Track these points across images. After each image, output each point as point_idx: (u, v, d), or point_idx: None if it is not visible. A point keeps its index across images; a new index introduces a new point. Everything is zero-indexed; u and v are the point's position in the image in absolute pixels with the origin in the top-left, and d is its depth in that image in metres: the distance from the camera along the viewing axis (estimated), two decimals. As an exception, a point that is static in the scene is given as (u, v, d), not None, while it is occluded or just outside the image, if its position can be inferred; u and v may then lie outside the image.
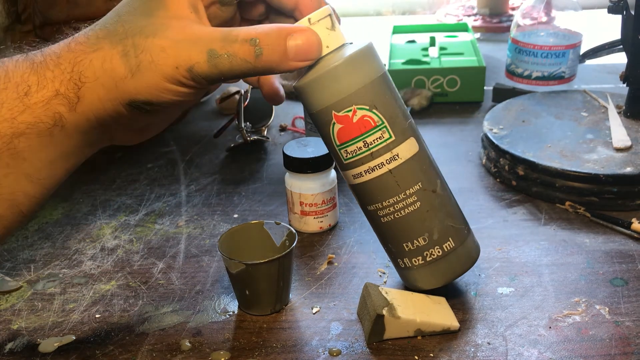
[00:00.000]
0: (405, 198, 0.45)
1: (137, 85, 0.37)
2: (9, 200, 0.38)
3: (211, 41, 0.37)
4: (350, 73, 0.42)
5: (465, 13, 1.26)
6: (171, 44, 0.36)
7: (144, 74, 0.36)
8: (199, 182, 0.69)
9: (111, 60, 0.37)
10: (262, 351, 0.45)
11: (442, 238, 0.46)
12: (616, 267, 0.52)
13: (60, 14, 0.73)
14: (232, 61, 0.37)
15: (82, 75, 0.36)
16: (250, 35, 0.37)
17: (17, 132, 0.36)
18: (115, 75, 0.37)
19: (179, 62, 0.36)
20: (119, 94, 0.37)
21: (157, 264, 0.55)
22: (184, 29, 0.37)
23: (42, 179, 0.38)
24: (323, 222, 0.58)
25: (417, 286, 0.48)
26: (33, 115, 0.36)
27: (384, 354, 0.44)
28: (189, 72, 0.37)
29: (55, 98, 0.36)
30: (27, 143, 0.36)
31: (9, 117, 0.36)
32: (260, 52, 0.37)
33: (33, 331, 0.48)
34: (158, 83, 0.37)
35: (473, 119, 0.81)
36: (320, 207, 0.57)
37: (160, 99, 0.37)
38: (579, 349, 0.43)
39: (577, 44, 0.81)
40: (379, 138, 0.43)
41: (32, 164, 0.37)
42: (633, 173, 0.58)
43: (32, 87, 0.36)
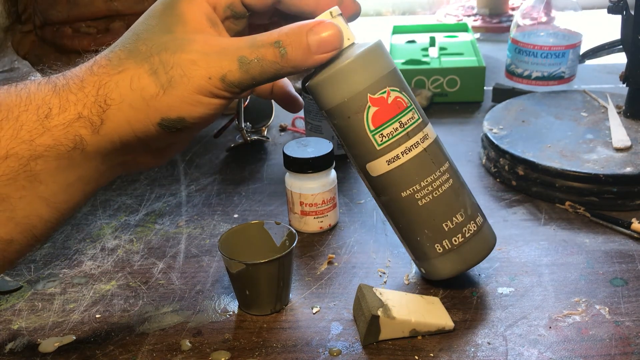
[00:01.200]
0: (440, 175, 0.46)
1: (169, 102, 0.37)
2: (22, 224, 0.37)
3: (239, 49, 0.37)
4: (381, 57, 0.44)
5: (465, 13, 1.26)
6: (201, 57, 0.37)
7: (176, 89, 0.37)
8: (199, 182, 0.69)
9: (139, 79, 0.36)
10: (262, 351, 0.45)
11: (474, 213, 0.48)
12: (616, 267, 0.52)
13: (60, 14, 0.73)
14: (262, 65, 0.37)
15: (107, 97, 0.36)
16: (273, 38, 0.38)
17: (34, 154, 0.35)
18: (145, 94, 0.36)
19: (212, 73, 0.37)
20: (150, 112, 0.37)
21: (158, 264, 0.55)
22: (208, 41, 0.37)
23: (59, 203, 0.38)
24: (323, 222, 0.58)
25: (457, 268, 0.48)
26: (52, 138, 0.36)
27: (384, 353, 0.44)
28: (222, 82, 0.37)
29: (77, 121, 0.36)
30: (45, 166, 0.36)
31: (27, 139, 0.35)
32: (284, 52, 0.38)
33: (33, 331, 0.48)
34: (191, 96, 0.37)
35: (473, 119, 0.82)
36: (320, 207, 0.57)
37: (193, 113, 0.38)
38: (579, 349, 0.43)
39: (577, 44, 0.81)
40: (411, 118, 0.45)
41: (48, 187, 0.37)
42: (633, 173, 0.58)
43: (54, 109, 0.36)
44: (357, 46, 0.43)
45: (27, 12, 0.77)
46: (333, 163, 0.57)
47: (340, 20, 0.42)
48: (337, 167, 0.69)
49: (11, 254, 0.38)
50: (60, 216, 0.39)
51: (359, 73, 0.43)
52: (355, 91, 0.43)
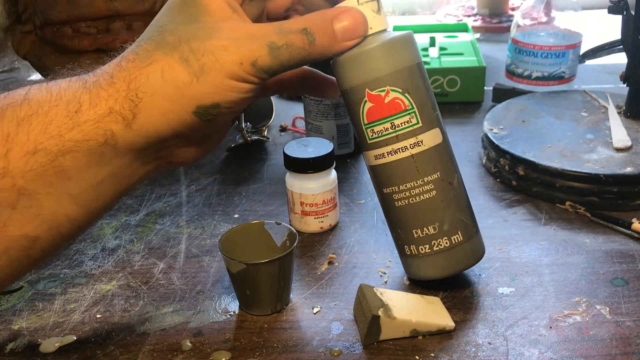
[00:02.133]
0: (422, 185, 0.46)
1: (203, 89, 0.37)
2: (49, 222, 0.36)
3: (268, 34, 0.38)
4: (388, 55, 0.44)
5: (465, 13, 1.26)
6: (231, 43, 0.37)
7: (209, 75, 0.37)
8: (200, 182, 0.69)
9: (170, 69, 0.37)
10: (262, 351, 0.45)
11: (452, 230, 0.47)
12: (616, 267, 0.52)
13: (60, 14, 0.73)
14: (291, 51, 0.38)
15: (138, 91, 0.36)
16: (300, 25, 0.39)
17: (63, 149, 0.35)
18: (178, 83, 0.37)
19: (243, 58, 0.37)
20: (185, 101, 0.37)
21: (158, 264, 0.55)
22: (236, 28, 0.38)
23: (88, 201, 0.37)
24: (323, 222, 0.58)
25: (418, 274, 0.49)
26: (82, 133, 0.36)
27: (384, 354, 0.44)
28: (253, 67, 0.38)
29: (109, 116, 0.36)
30: (74, 161, 0.36)
31: (56, 134, 0.35)
32: (312, 39, 0.38)
33: (34, 331, 0.48)
34: (224, 82, 0.37)
35: (473, 119, 0.82)
36: (321, 207, 0.57)
37: (227, 98, 0.38)
38: (580, 348, 0.43)
39: (577, 44, 0.81)
40: (406, 122, 0.45)
41: (77, 184, 0.36)
42: (633, 173, 0.58)
43: (84, 105, 0.36)
44: (380, 38, 0.44)
45: (27, 12, 0.77)
46: (333, 163, 0.57)
47: (375, 6, 0.43)
48: (338, 167, 0.69)
49: (36, 252, 0.37)
50: (89, 215, 0.38)
51: (362, 65, 0.44)
52: (356, 83, 0.45)
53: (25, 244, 0.36)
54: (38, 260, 0.38)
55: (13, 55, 0.90)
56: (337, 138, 0.71)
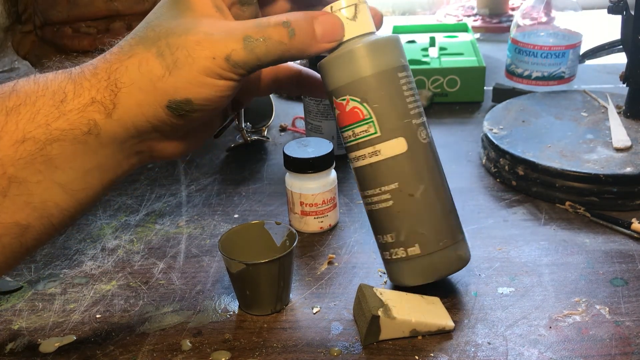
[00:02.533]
0: (379, 194, 0.46)
1: (175, 83, 0.37)
2: (39, 210, 0.37)
3: (246, 29, 0.38)
4: (350, 63, 0.44)
5: (465, 13, 1.26)
6: (206, 37, 0.37)
7: (181, 70, 0.37)
8: (200, 182, 0.69)
9: (147, 62, 0.37)
10: (262, 351, 0.45)
11: (408, 241, 0.46)
12: (616, 267, 0.52)
13: (60, 14, 0.73)
14: (267, 44, 0.38)
15: (118, 81, 0.37)
16: (282, 19, 0.39)
17: (50, 138, 0.36)
18: (152, 76, 0.37)
19: (216, 52, 0.37)
20: (158, 94, 0.38)
21: (158, 264, 0.55)
22: (214, 24, 0.38)
23: (76, 190, 0.38)
24: (323, 222, 0.58)
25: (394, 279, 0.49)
26: (68, 122, 0.37)
27: (384, 353, 0.44)
28: (227, 61, 0.37)
29: (91, 105, 0.37)
30: (61, 150, 0.37)
31: (43, 123, 0.36)
32: (293, 33, 0.38)
33: (34, 331, 0.48)
34: (196, 77, 0.37)
35: (473, 119, 0.82)
36: (321, 207, 0.57)
37: (199, 94, 0.38)
38: (579, 348, 0.43)
39: (577, 44, 0.81)
40: (364, 131, 0.45)
41: (65, 172, 0.37)
42: (633, 173, 0.58)
43: (69, 94, 0.37)
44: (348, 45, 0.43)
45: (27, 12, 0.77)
46: (333, 163, 0.57)
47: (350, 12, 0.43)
48: (337, 167, 0.69)
49: (28, 240, 0.38)
50: (78, 205, 0.39)
51: (328, 74, 0.45)
52: (328, 89, 0.45)
53: (17, 231, 0.37)
54: (30, 248, 0.39)
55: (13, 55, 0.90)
56: (337, 138, 0.71)
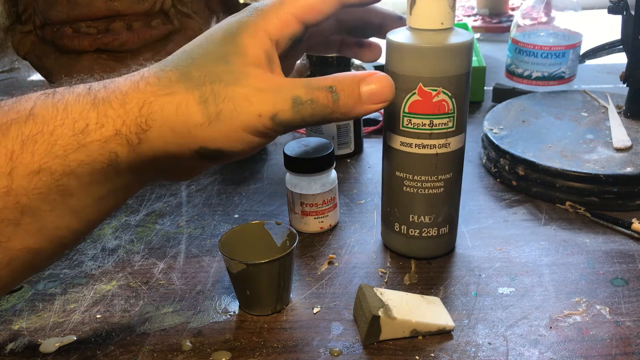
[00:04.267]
0: (435, 181, 0.49)
1: (213, 134, 0.36)
2: (52, 235, 0.36)
3: (295, 88, 0.37)
4: (452, 58, 0.46)
5: (465, 13, 1.26)
6: (255, 93, 0.36)
7: (223, 123, 0.36)
8: (200, 182, 0.69)
9: (187, 105, 0.36)
10: (262, 351, 0.45)
11: (443, 223, 0.52)
12: (616, 267, 0.52)
13: (60, 14, 0.73)
14: (314, 107, 0.37)
15: (149, 118, 0.35)
16: (327, 83, 0.38)
17: (67, 170, 0.35)
18: (190, 122, 0.36)
19: (263, 110, 0.36)
20: (191, 140, 0.36)
21: (158, 264, 0.55)
22: (264, 77, 0.37)
23: (89, 215, 0.37)
24: (324, 222, 0.58)
25: (396, 248, 0.54)
26: (87, 154, 0.35)
27: (384, 354, 0.44)
28: (272, 120, 0.36)
29: (114, 138, 0.35)
30: (77, 181, 0.35)
31: (61, 155, 0.34)
32: (337, 98, 0.38)
33: (34, 331, 0.48)
34: (236, 132, 0.36)
35: (473, 119, 0.82)
36: (321, 207, 0.57)
37: (233, 148, 0.37)
38: (580, 349, 0.43)
39: (577, 44, 0.81)
40: (444, 124, 0.47)
41: (80, 200, 0.36)
42: (633, 173, 0.58)
43: (91, 124, 0.35)
44: (452, 38, 0.46)
45: (27, 12, 0.77)
46: (334, 163, 0.57)
47: (451, 1, 0.45)
48: (338, 167, 0.69)
49: (40, 262, 0.37)
50: (90, 225, 0.38)
51: (426, 61, 0.46)
52: (413, 74, 0.46)
53: (29, 256, 0.36)
54: (41, 268, 0.38)
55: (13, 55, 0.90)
56: (337, 138, 0.71)
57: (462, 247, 0.55)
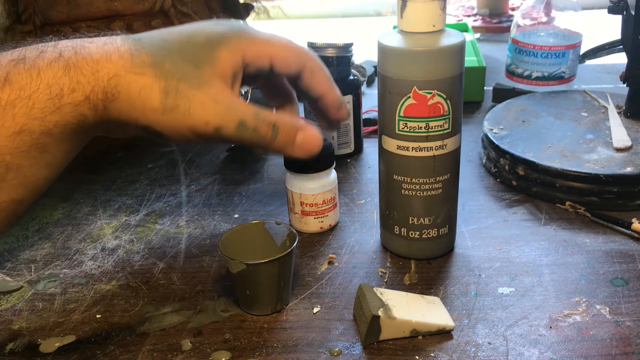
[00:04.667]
0: (433, 183, 0.50)
1: (162, 121, 0.40)
2: (32, 187, 0.40)
3: (244, 113, 0.41)
4: (445, 61, 0.46)
5: (465, 13, 1.26)
6: (211, 102, 0.40)
7: (174, 117, 0.40)
8: (200, 182, 0.69)
9: (150, 90, 0.39)
10: (262, 351, 0.45)
11: (442, 223, 0.52)
12: (616, 267, 0.52)
13: (60, 14, 0.73)
14: (253, 135, 0.42)
15: (115, 90, 0.39)
16: (272, 120, 0.42)
17: (45, 130, 0.38)
18: (147, 105, 0.39)
19: (211, 120, 0.40)
20: (142, 118, 0.40)
21: (158, 264, 0.55)
22: (224, 91, 0.41)
23: (60, 165, 0.41)
24: (323, 222, 0.58)
25: (396, 250, 0.54)
26: (61, 116, 0.38)
27: (384, 353, 0.44)
28: (215, 131, 0.41)
29: (85, 102, 0.39)
30: (52, 138, 0.39)
31: (39, 117, 0.38)
32: (275, 135, 0.43)
33: (34, 331, 0.48)
34: (182, 130, 0.40)
35: (473, 119, 0.82)
36: (321, 207, 0.57)
37: (175, 137, 0.41)
38: (580, 348, 0.43)
39: (577, 44, 0.81)
40: (439, 126, 0.47)
41: (53, 155, 0.40)
42: (633, 173, 0.58)
43: (65, 89, 0.38)
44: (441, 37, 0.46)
45: (27, 12, 0.77)
46: (334, 163, 0.57)
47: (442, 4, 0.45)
48: (338, 167, 0.69)
49: (22, 210, 0.41)
50: (59, 173, 0.42)
51: (420, 64, 0.46)
52: (407, 77, 0.46)
53: (13, 207, 0.40)
54: (21, 217, 0.42)
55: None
56: (337, 138, 0.71)
57: (462, 247, 0.55)
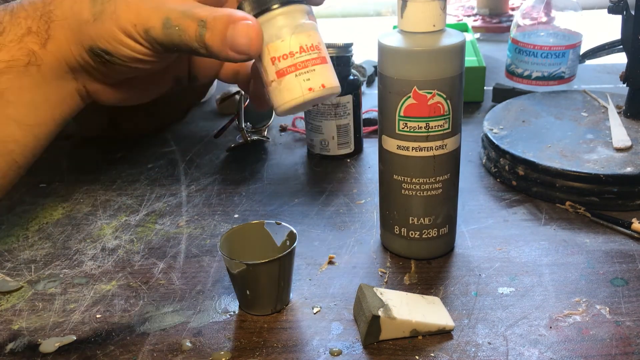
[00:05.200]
0: (433, 183, 0.50)
1: (97, 31, 0.37)
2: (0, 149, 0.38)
3: (171, 10, 0.37)
4: (446, 61, 0.46)
5: (465, 13, 1.26)
6: (136, 2, 0.37)
7: (104, 22, 0.37)
8: (200, 182, 0.69)
9: (81, 2, 0.38)
10: (262, 351, 0.45)
11: (442, 223, 0.52)
12: (616, 267, 0.52)
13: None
14: (181, 35, 0.37)
15: (51, 13, 0.38)
16: (200, 15, 0.37)
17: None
18: (80, 18, 0.38)
19: (138, 21, 0.37)
20: (82, 37, 0.38)
21: (158, 264, 0.55)
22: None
23: (31, 125, 0.39)
24: (311, 82, 0.40)
25: (397, 250, 0.54)
26: (10, 54, 0.37)
27: (384, 354, 0.44)
28: (145, 34, 0.37)
29: (28, 35, 0.38)
30: (8, 83, 0.37)
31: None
32: (203, 33, 0.37)
33: (34, 331, 0.48)
34: (115, 34, 0.37)
35: (473, 119, 0.82)
36: (300, 57, 0.40)
37: (118, 51, 0.38)
38: (580, 349, 0.43)
39: (577, 44, 0.81)
40: (440, 126, 0.47)
41: (16, 107, 0.38)
42: (633, 173, 0.58)
43: (7, 26, 0.37)
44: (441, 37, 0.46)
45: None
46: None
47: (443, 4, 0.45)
48: (338, 167, 0.69)
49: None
50: (36, 140, 0.40)
51: (420, 64, 0.46)
52: (408, 77, 0.46)
53: None
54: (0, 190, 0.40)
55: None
56: (337, 138, 0.71)
57: (462, 247, 0.55)
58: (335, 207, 0.63)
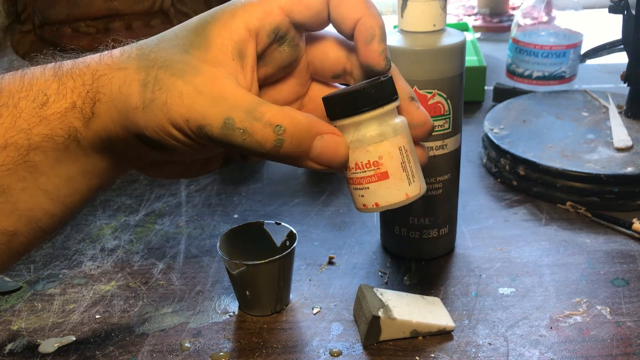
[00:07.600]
0: (433, 183, 0.50)
1: (145, 121, 0.33)
2: (26, 217, 0.36)
3: (234, 108, 0.32)
4: (446, 60, 0.46)
5: (466, 13, 1.26)
6: (192, 94, 0.32)
7: (153, 112, 0.33)
8: (199, 182, 0.69)
9: (130, 85, 0.33)
10: (262, 352, 0.44)
11: (442, 223, 0.52)
12: (617, 267, 0.52)
13: (60, 14, 0.72)
14: (245, 139, 0.32)
15: (99, 91, 0.34)
16: (277, 119, 0.32)
17: (32, 144, 0.34)
18: (128, 103, 0.34)
19: (191, 116, 0.32)
20: (130, 123, 0.34)
21: (157, 264, 0.55)
22: (213, 80, 0.33)
23: (62, 196, 0.36)
24: (365, 198, 0.36)
25: (397, 251, 0.54)
26: (49, 128, 0.34)
27: (384, 354, 0.44)
28: (199, 130, 0.33)
29: (72, 110, 0.34)
30: (44, 156, 0.34)
31: (25, 128, 0.34)
32: (280, 145, 0.32)
33: (33, 332, 0.47)
34: (165, 126, 0.33)
35: (473, 119, 0.81)
36: (355, 174, 0.36)
37: (165, 141, 0.34)
38: (580, 349, 0.43)
39: (578, 44, 0.81)
40: (440, 126, 0.47)
41: (50, 179, 0.35)
42: (634, 173, 0.58)
43: (51, 97, 0.34)
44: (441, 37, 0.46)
45: (27, 11, 0.77)
46: (395, 95, 0.36)
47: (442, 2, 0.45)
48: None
49: (17, 245, 0.36)
50: (67, 210, 0.37)
51: (420, 64, 0.46)
52: (408, 77, 0.45)
53: (5, 238, 0.35)
54: (20, 252, 0.37)
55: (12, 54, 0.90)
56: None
57: (463, 247, 0.55)
58: (335, 207, 0.62)
